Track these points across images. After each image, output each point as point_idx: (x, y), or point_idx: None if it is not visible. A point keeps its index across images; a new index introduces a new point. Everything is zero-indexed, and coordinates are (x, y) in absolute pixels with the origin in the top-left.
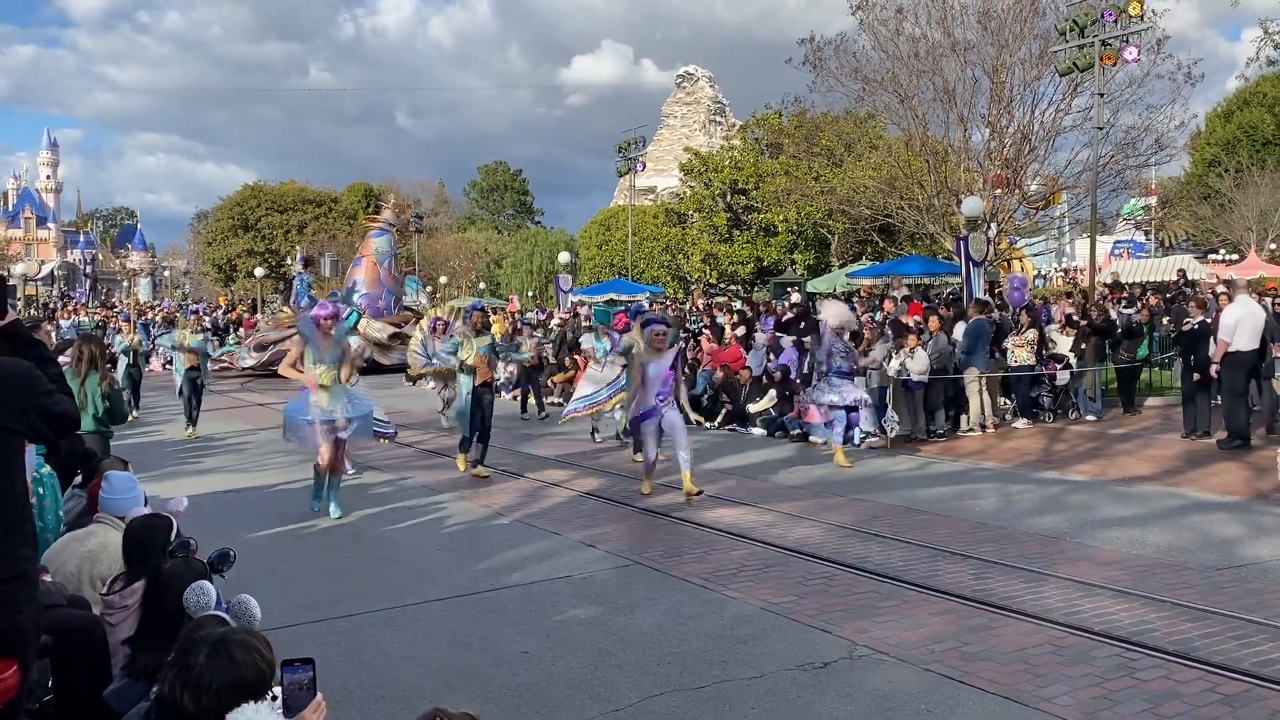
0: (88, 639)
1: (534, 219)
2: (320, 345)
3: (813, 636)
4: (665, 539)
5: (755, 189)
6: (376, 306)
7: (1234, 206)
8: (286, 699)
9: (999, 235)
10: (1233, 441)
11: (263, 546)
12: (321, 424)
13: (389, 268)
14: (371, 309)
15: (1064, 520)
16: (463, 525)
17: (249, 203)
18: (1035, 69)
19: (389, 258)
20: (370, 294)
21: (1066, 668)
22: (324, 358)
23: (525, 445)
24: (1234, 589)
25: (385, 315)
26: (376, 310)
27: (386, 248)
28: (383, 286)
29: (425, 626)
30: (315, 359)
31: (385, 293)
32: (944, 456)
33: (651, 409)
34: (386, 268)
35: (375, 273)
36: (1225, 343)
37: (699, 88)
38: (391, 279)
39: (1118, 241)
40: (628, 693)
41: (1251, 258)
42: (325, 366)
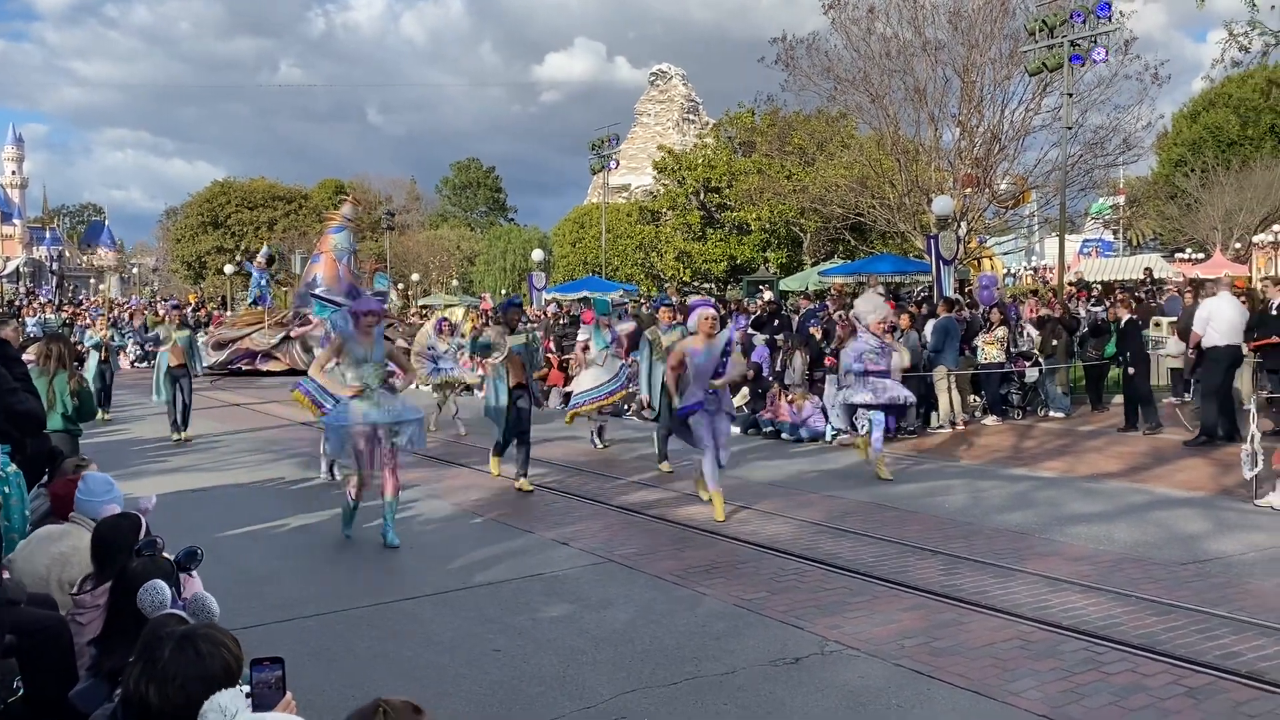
0: (54, 639)
1: (507, 216)
2: (360, 344)
3: (784, 632)
4: (638, 536)
5: (728, 187)
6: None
7: (1200, 206)
8: (255, 698)
9: (969, 234)
10: (1199, 439)
11: (232, 546)
12: (364, 427)
13: (348, 264)
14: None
15: (1032, 516)
16: (434, 524)
17: (218, 199)
18: (1005, 69)
19: (348, 254)
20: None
21: (1034, 662)
22: (366, 358)
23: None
24: (1198, 583)
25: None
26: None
27: (346, 244)
28: (342, 284)
29: (396, 626)
30: (356, 359)
31: (344, 290)
32: (914, 453)
33: (698, 401)
34: (346, 264)
35: (334, 269)
36: (1198, 334)
37: (672, 86)
38: (351, 275)
39: (1086, 240)
40: (600, 690)
41: (1217, 257)
42: (370, 367)
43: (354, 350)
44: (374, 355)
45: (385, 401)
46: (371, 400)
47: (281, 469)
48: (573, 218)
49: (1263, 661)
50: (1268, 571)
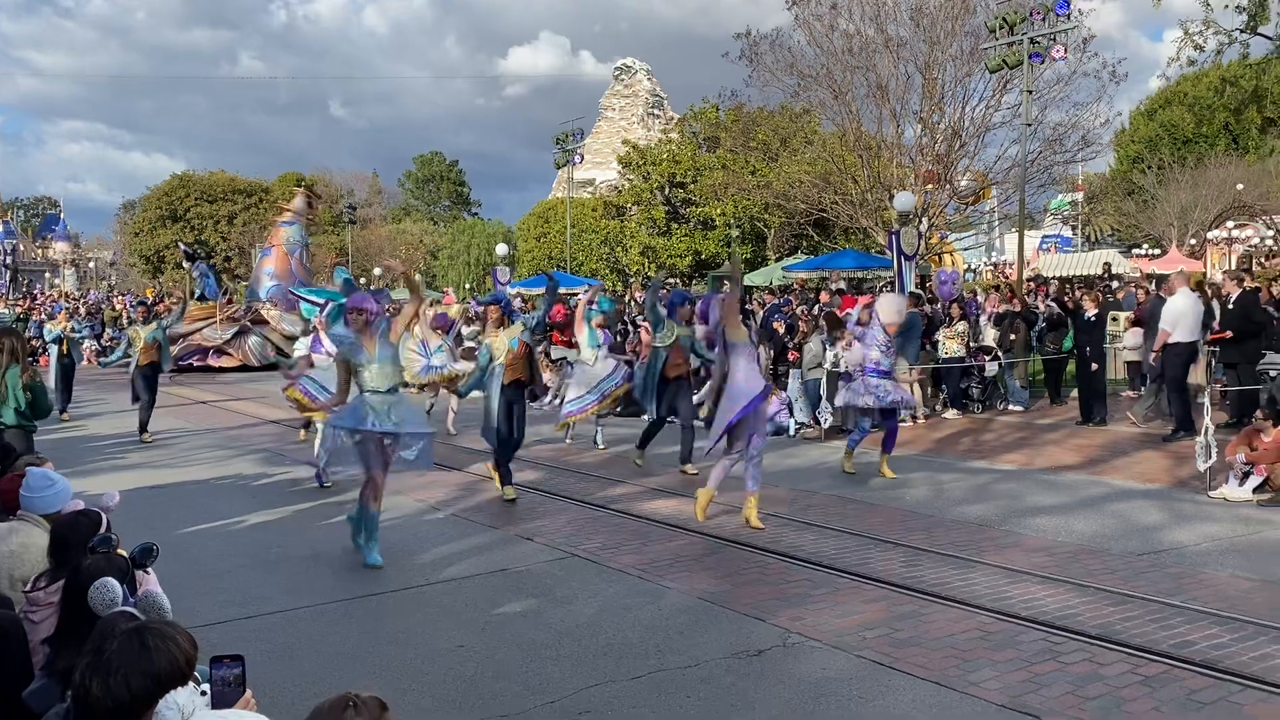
0: (6, 637)
1: (471, 210)
2: (365, 346)
3: (747, 625)
4: (603, 531)
5: (693, 182)
6: (288, 299)
7: (1156, 202)
8: (215, 696)
9: (930, 230)
10: (1178, 434)
11: (192, 543)
12: (378, 435)
13: (300, 258)
14: (283, 301)
15: (992, 509)
16: (397, 520)
17: (177, 193)
18: (966, 66)
19: (300, 248)
20: (282, 285)
21: (994, 652)
22: (371, 360)
23: (464, 439)
24: (1154, 574)
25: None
26: (288, 303)
27: (297, 237)
28: (294, 278)
29: (359, 623)
30: (364, 362)
31: (297, 285)
32: (876, 447)
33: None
34: (298, 258)
35: (286, 264)
36: (1166, 333)
37: (637, 80)
38: (304, 270)
39: (1045, 236)
40: (564, 684)
41: (1173, 252)
42: (378, 366)
43: (357, 356)
44: (380, 356)
45: (397, 410)
46: (383, 406)
47: (242, 465)
48: (537, 212)
49: (1215, 650)
50: (1221, 562)
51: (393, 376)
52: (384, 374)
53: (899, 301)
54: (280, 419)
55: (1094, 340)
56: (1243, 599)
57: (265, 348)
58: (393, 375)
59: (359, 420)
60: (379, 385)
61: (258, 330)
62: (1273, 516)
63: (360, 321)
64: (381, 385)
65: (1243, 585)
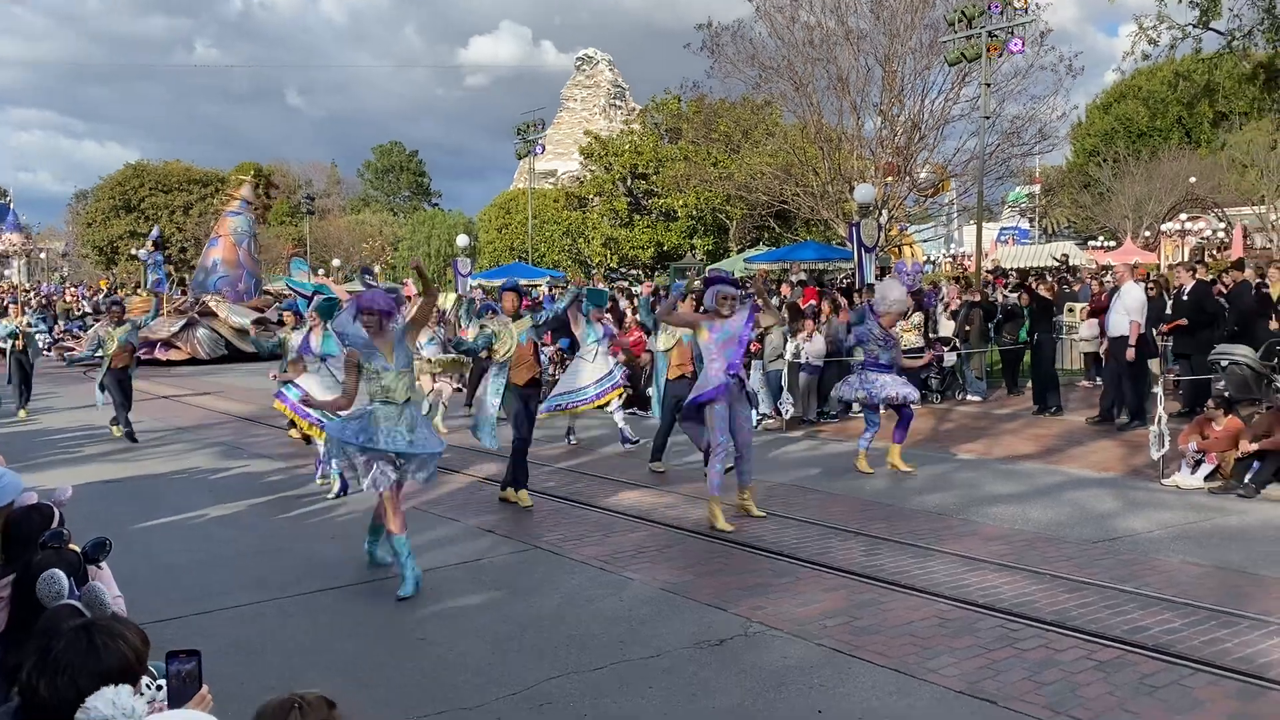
0: None
1: (431, 201)
2: (381, 350)
3: (709, 615)
4: (565, 523)
5: (655, 174)
6: (236, 290)
7: (1112, 195)
8: (170, 691)
9: (890, 222)
10: (1133, 423)
11: (149, 538)
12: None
13: (248, 248)
14: (231, 293)
15: (951, 498)
16: (357, 513)
17: (131, 182)
18: (925, 59)
19: (248, 237)
20: (229, 276)
21: (952, 639)
22: (389, 365)
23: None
24: (1108, 561)
25: (246, 299)
26: (236, 294)
27: (245, 227)
28: (242, 268)
29: (318, 616)
30: (378, 369)
31: (246, 275)
32: (837, 437)
33: (716, 386)
34: (246, 248)
35: (234, 254)
36: (1139, 324)
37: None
38: (251, 260)
39: (1003, 228)
40: (525, 676)
41: (1127, 244)
42: (394, 375)
43: (370, 360)
44: (396, 363)
45: (411, 426)
46: (397, 421)
47: (199, 459)
48: (498, 203)
49: (1168, 635)
50: (1173, 548)
51: (409, 388)
52: (400, 384)
53: (898, 288)
54: (237, 413)
55: (1041, 327)
56: (1194, 584)
57: (215, 341)
58: (409, 386)
59: (369, 437)
60: (395, 396)
61: (206, 323)
62: (1223, 504)
63: (375, 324)
64: (398, 396)
65: (1194, 571)
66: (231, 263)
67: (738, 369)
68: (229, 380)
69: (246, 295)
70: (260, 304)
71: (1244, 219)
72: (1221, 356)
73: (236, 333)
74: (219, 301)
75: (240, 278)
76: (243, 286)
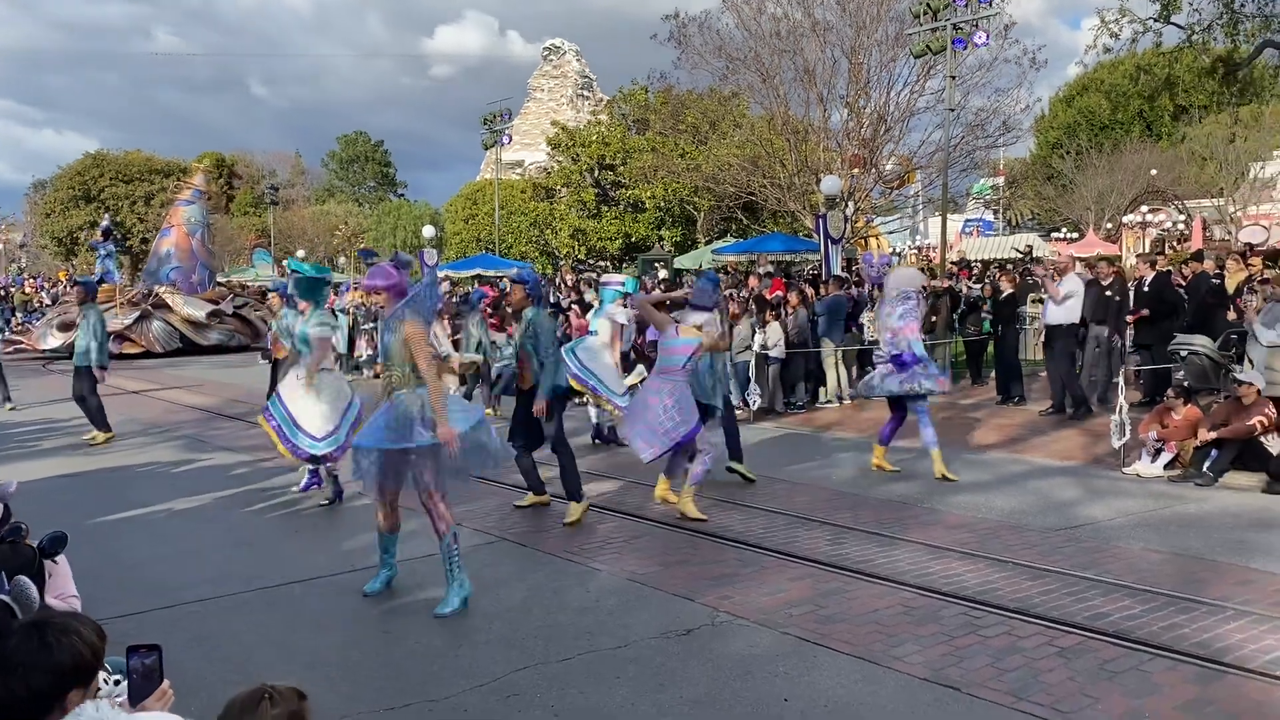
0: None
1: (397, 192)
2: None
3: (676, 605)
4: (531, 515)
5: (623, 165)
6: (190, 282)
7: (1074, 187)
8: (130, 686)
9: (856, 214)
10: (1079, 410)
11: (108, 532)
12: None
13: (202, 238)
14: (185, 284)
15: (916, 487)
16: (321, 507)
17: (91, 172)
18: (891, 51)
19: (201, 227)
20: (183, 268)
21: (916, 627)
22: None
23: None
24: (1070, 548)
25: (200, 291)
26: (190, 286)
27: (198, 217)
28: (196, 259)
29: (282, 610)
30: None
31: (199, 266)
32: (803, 427)
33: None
34: (199, 239)
35: (187, 244)
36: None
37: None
38: (205, 251)
39: (968, 220)
40: (492, 668)
41: (1090, 236)
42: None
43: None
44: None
45: (395, 415)
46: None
47: (161, 452)
48: (465, 194)
49: (1128, 621)
50: (1134, 536)
51: (402, 377)
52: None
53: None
54: (203, 405)
55: (1005, 318)
56: (1153, 571)
57: (170, 334)
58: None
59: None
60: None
61: (160, 315)
62: (1183, 491)
63: (384, 301)
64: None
65: (1153, 558)
66: (185, 254)
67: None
68: (194, 373)
69: (200, 287)
70: (215, 296)
71: (1203, 211)
72: (1180, 347)
73: (191, 325)
74: (173, 294)
75: (194, 269)
76: (196, 278)
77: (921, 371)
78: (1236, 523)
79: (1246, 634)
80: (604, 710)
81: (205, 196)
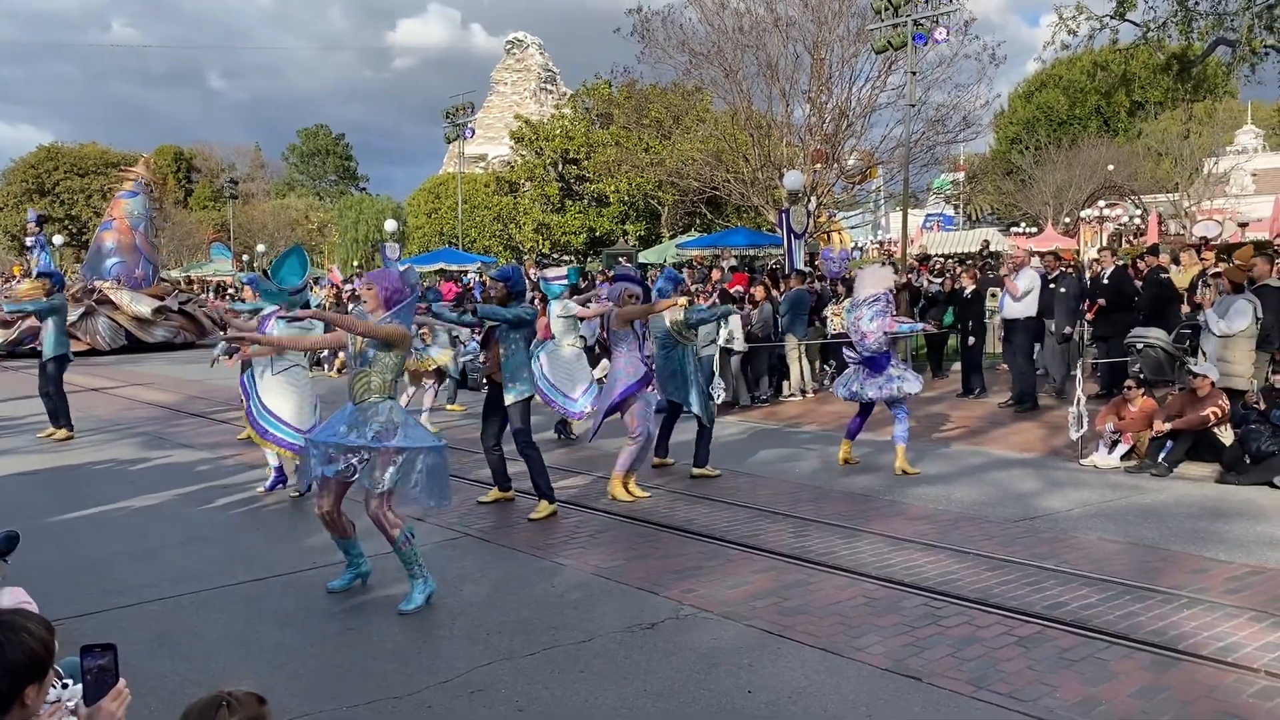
0: None
1: (358, 185)
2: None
3: (641, 599)
4: (496, 510)
5: (587, 159)
6: (134, 277)
7: (1033, 182)
8: (85, 687)
9: (819, 208)
10: (1025, 403)
11: (65, 531)
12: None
13: (145, 232)
14: (129, 279)
15: (877, 479)
16: (282, 504)
17: (45, 165)
18: (853, 46)
19: (144, 220)
20: (126, 262)
21: (878, 618)
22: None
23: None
24: (1029, 539)
25: (144, 286)
26: (134, 281)
27: (141, 209)
28: (139, 253)
29: (243, 608)
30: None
31: (143, 261)
32: (767, 421)
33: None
34: (142, 232)
35: (130, 238)
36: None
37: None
38: (149, 245)
39: (929, 215)
40: (456, 663)
41: (1048, 230)
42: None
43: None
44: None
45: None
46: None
47: (120, 450)
48: (428, 188)
49: (1085, 610)
50: (1091, 526)
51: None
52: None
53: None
54: (161, 402)
55: (973, 315)
56: (1110, 560)
57: (116, 331)
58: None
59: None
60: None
61: (105, 311)
62: (1138, 482)
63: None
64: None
65: (1110, 548)
66: (127, 248)
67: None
68: (152, 370)
69: (144, 282)
70: (160, 291)
71: (1159, 206)
72: (1136, 340)
73: (137, 322)
74: (117, 289)
75: (138, 263)
76: (140, 274)
77: (898, 374)
78: (1190, 512)
79: (1200, 621)
80: (568, 704)
81: (149, 188)
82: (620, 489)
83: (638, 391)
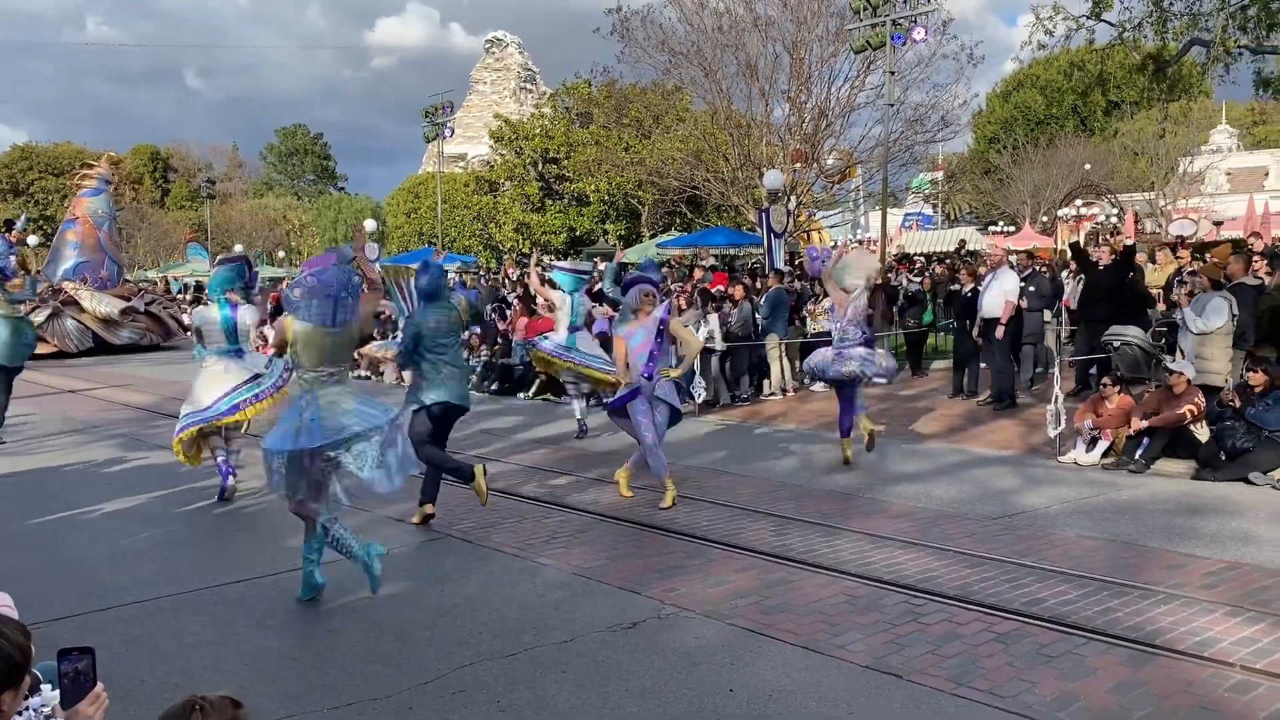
0: None
1: (337, 185)
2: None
3: (623, 598)
4: (478, 510)
5: (566, 159)
6: (99, 277)
7: (1011, 181)
8: (63, 690)
9: (798, 208)
10: (1003, 401)
11: (43, 533)
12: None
13: (109, 231)
14: (93, 279)
15: (858, 477)
16: (263, 504)
17: (19, 165)
18: (832, 46)
19: (108, 220)
20: (90, 262)
21: (859, 616)
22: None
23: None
24: (1008, 536)
25: (110, 287)
26: (99, 281)
27: (105, 208)
28: (104, 253)
29: (224, 610)
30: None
31: (108, 261)
32: (748, 420)
33: (634, 390)
34: (106, 231)
35: (94, 237)
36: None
37: (508, 54)
38: (113, 244)
39: (908, 214)
40: (438, 664)
41: (1026, 229)
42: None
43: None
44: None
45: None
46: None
47: (96, 452)
48: (407, 187)
49: (1064, 606)
50: (1069, 523)
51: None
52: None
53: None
54: (137, 404)
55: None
56: (1087, 557)
57: (83, 332)
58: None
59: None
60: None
61: (71, 313)
62: (1116, 479)
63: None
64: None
65: (1088, 545)
66: (91, 248)
67: (652, 372)
68: (128, 370)
69: (109, 283)
70: (125, 292)
71: (1135, 204)
72: (1114, 337)
73: (104, 324)
74: (82, 290)
75: (102, 263)
76: (105, 274)
77: (869, 357)
78: (1166, 509)
79: (1176, 616)
80: (550, 705)
81: (112, 186)
82: (623, 480)
83: (627, 403)
